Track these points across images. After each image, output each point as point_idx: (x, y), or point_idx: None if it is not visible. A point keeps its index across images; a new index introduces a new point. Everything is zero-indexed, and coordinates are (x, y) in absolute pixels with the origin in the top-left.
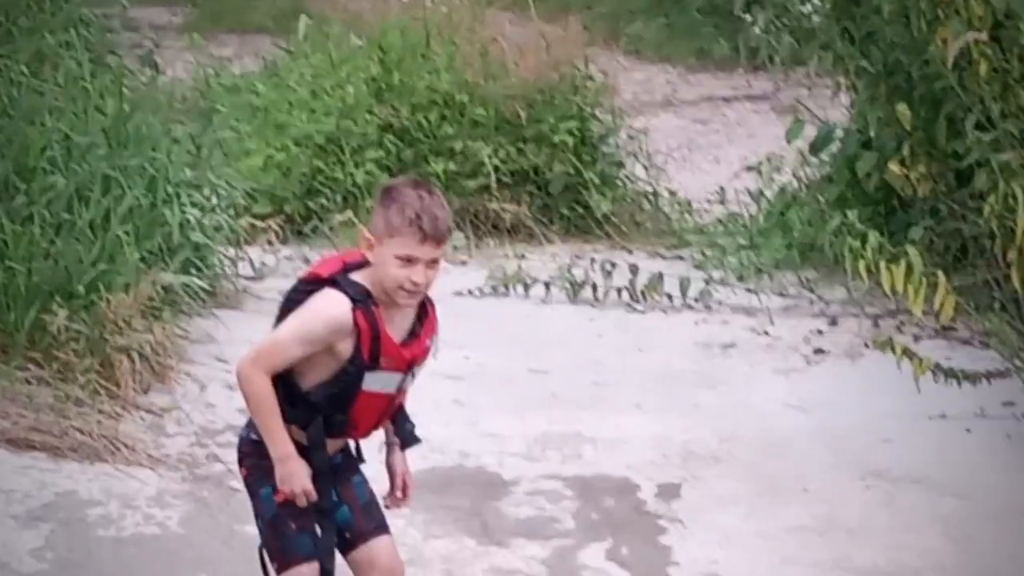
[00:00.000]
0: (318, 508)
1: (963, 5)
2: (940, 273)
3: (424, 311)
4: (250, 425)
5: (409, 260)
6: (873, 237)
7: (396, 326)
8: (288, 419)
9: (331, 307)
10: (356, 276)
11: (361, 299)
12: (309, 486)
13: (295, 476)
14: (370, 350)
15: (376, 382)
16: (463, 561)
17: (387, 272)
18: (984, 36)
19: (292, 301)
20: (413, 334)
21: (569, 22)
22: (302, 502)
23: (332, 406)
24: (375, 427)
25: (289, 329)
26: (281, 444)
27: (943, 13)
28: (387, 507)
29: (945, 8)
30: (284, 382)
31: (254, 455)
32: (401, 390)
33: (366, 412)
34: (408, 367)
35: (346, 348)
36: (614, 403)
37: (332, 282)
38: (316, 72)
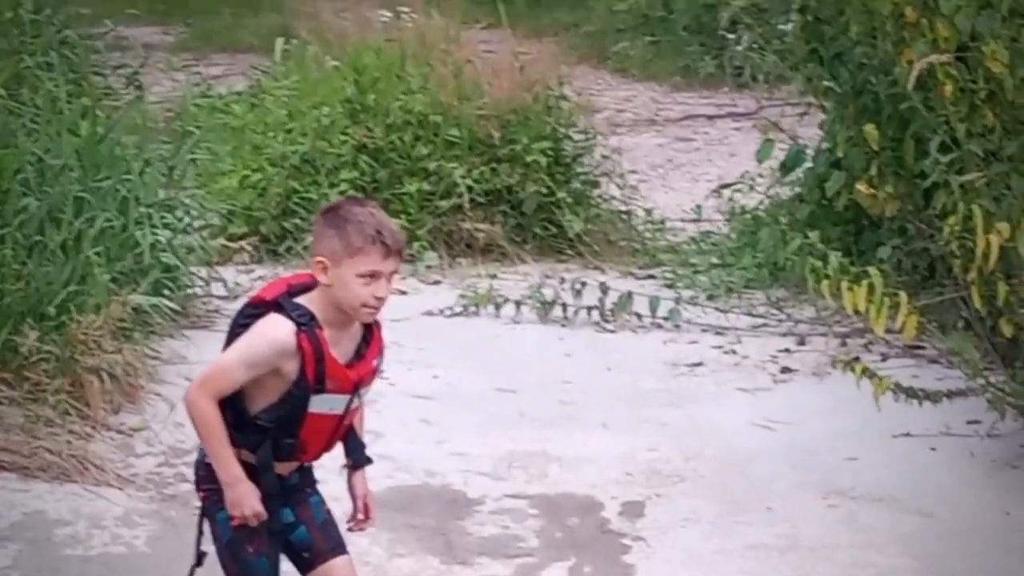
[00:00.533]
0: (268, 530)
1: (928, 27)
2: (902, 293)
3: (370, 331)
4: None
5: (373, 276)
6: (834, 257)
7: (342, 348)
8: (237, 443)
9: (274, 331)
10: (301, 299)
11: (305, 322)
12: (259, 508)
13: (244, 499)
14: (315, 372)
15: (323, 404)
16: None
17: (349, 292)
18: (947, 58)
19: (239, 326)
20: (359, 355)
21: (544, 43)
22: (253, 523)
23: (280, 429)
24: (325, 449)
25: (234, 354)
26: (228, 468)
27: (909, 35)
28: (350, 530)
29: (911, 30)
30: (233, 406)
31: (210, 479)
32: (349, 411)
33: (314, 434)
34: (354, 388)
35: (292, 370)
36: (581, 422)
37: (276, 306)
38: (292, 93)
